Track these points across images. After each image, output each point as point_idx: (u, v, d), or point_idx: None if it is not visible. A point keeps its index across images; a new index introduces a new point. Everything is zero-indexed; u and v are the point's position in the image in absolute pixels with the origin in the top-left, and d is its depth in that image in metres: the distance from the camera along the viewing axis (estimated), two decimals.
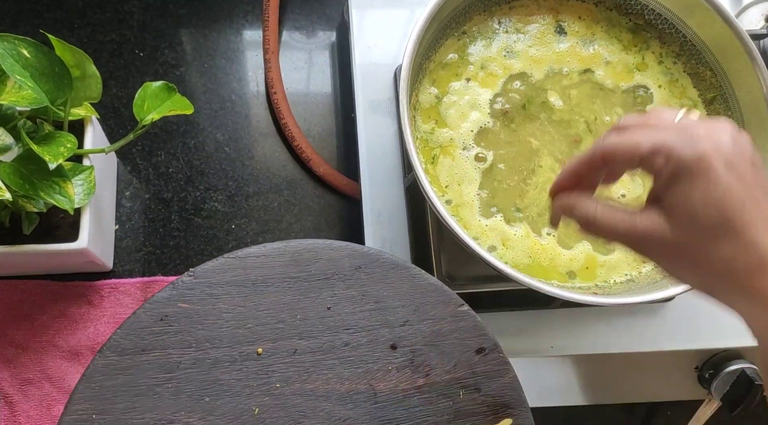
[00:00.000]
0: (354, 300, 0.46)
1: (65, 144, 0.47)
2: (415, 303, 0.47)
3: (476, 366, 0.46)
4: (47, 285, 0.60)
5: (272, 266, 0.47)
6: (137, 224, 0.64)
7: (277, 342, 0.45)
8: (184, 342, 0.45)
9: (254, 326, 0.46)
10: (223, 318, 0.46)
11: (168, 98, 0.52)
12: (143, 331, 0.45)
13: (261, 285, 0.47)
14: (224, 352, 0.45)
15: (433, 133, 0.51)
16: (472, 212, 0.50)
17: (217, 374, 0.44)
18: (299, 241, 0.48)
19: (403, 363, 0.46)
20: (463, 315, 0.47)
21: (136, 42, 0.70)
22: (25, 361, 0.58)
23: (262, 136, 0.69)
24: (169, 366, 0.44)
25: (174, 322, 0.45)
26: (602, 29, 0.55)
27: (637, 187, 0.51)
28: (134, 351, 0.44)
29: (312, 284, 0.47)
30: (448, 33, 0.52)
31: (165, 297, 0.46)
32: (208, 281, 0.46)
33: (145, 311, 0.45)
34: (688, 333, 0.57)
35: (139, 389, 0.44)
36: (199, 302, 0.46)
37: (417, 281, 0.47)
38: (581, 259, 0.50)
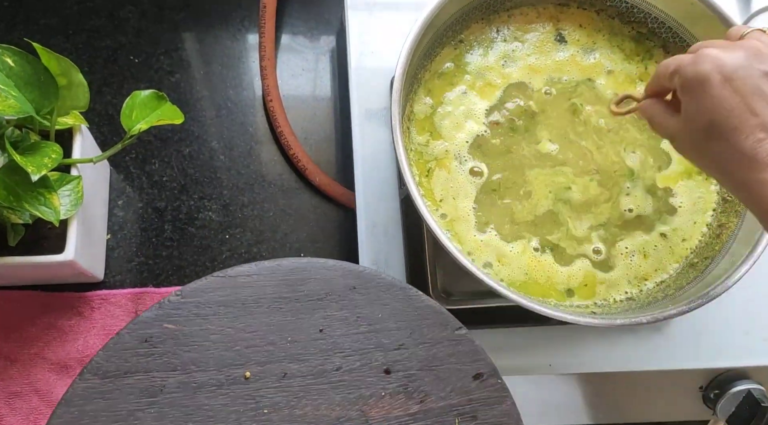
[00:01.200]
0: (347, 321, 0.45)
1: (50, 154, 0.46)
2: (411, 325, 0.45)
3: (473, 393, 0.44)
4: (36, 295, 0.59)
5: (263, 286, 0.45)
6: (129, 234, 0.63)
7: (266, 365, 0.44)
8: (169, 365, 0.43)
9: (243, 348, 0.44)
10: (210, 339, 0.44)
11: (157, 107, 0.51)
12: (126, 353, 0.43)
13: (251, 306, 0.45)
14: (210, 376, 0.43)
15: (427, 145, 0.50)
16: (468, 227, 0.48)
17: (203, 399, 0.43)
18: (292, 260, 0.46)
19: (397, 389, 0.44)
20: (460, 339, 0.45)
21: (132, 48, 0.69)
22: (13, 374, 0.57)
23: (258, 144, 0.68)
24: (152, 390, 0.43)
25: (159, 344, 0.43)
26: (604, 38, 0.53)
27: (647, 205, 0.49)
28: (116, 374, 0.43)
29: (304, 305, 0.45)
30: (445, 41, 0.51)
31: (151, 317, 0.44)
32: (197, 301, 0.45)
33: (129, 332, 0.44)
34: (693, 351, 0.55)
35: (119, 414, 0.42)
36: (185, 323, 0.44)
37: (414, 302, 0.46)
38: (579, 276, 0.48)
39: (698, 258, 0.48)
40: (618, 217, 0.49)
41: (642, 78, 0.53)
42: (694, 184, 0.50)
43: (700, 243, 0.49)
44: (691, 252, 0.49)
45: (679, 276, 0.48)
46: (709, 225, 0.49)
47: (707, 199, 0.50)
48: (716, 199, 0.50)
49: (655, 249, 0.49)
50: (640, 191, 0.50)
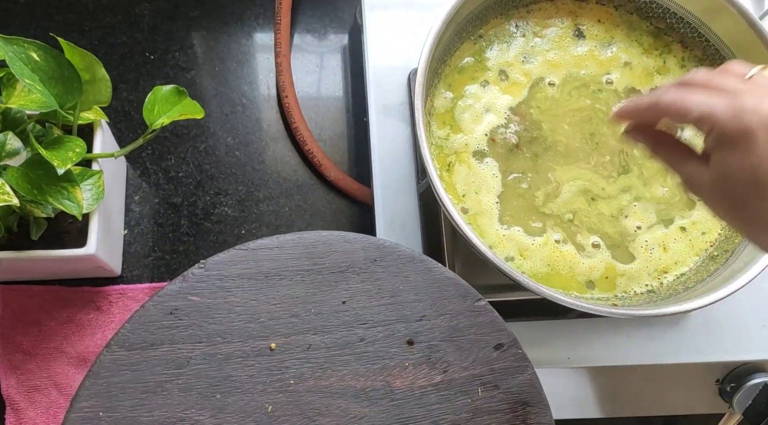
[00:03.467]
0: (369, 294, 0.45)
1: (74, 148, 0.46)
2: (432, 297, 0.45)
3: (495, 363, 0.44)
4: (55, 290, 0.59)
5: (285, 259, 0.45)
6: (146, 229, 0.63)
7: (290, 337, 0.44)
8: (195, 337, 0.43)
9: (267, 320, 0.44)
10: (234, 311, 0.44)
11: (178, 102, 0.51)
12: (152, 325, 0.43)
13: (274, 278, 0.45)
14: (236, 347, 0.43)
15: (447, 139, 0.50)
16: (491, 221, 0.48)
17: (229, 370, 0.43)
18: (313, 233, 0.46)
19: (420, 359, 0.44)
20: (481, 310, 0.45)
21: (147, 45, 0.69)
22: (33, 368, 0.57)
23: (273, 140, 0.68)
24: (178, 361, 0.43)
25: (184, 316, 0.44)
26: (622, 33, 0.53)
27: (650, 216, 0.50)
28: (143, 346, 0.43)
29: (326, 277, 0.45)
30: (464, 37, 0.51)
31: (175, 289, 0.44)
32: (220, 274, 0.45)
33: (154, 304, 0.44)
34: (710, 344, 0.55)
35: (147, 385, 0.42)
36: (210, 295, 0.44)
37: (434, 274, 0.46)
38: (601, 268, 0.49)
39: (718, 251, 0.48)
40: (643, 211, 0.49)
41: (660, 71, 0.53)
42: None
43: (720, 236, 0.49)
44: (710, 245, 0.49)
45: (700, 268, 0.48)
46: None
47: None
48: None
49: (675, 242, 0.49)
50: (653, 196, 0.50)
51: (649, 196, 0.50)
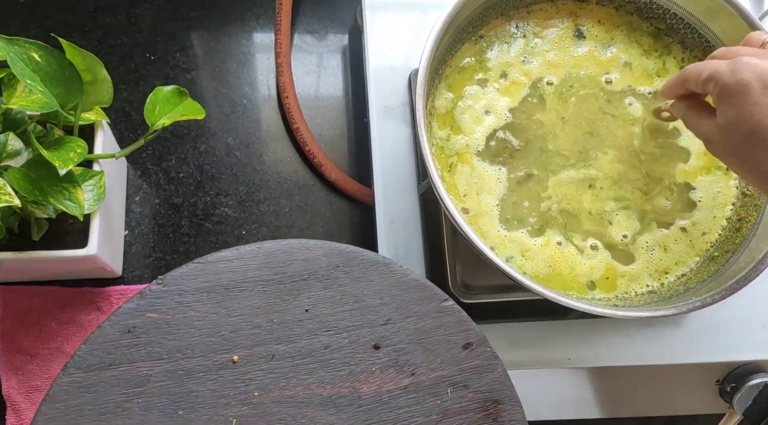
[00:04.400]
0: (333, 300, 0.45)
1: (75, 149, 0.46)
2: (397, 300, 0.45)
3: (464, 362, 0.44)
4: (56, 291, 0.59)
5: (245, 269, 0.45)
6: (147, 230, 0.63)
7: (253, 348, 0.44)
8: (154, 354, 0.43)
9: (228, 333, 0.44)
10: (194, 326, 0.44)
11: (179, 103, 0.51)
12: (110, 345, 0.43)
13: (234, 290, 0.45)
14: (197, 362, 0.43)
15: (448, 140, 0.50)
16: (492, 222, 0.48)
17: (191, 385, 0.42)
18: (274, 242, 0.46)
19: (387, 364, 0.44)
20: (447, 311, 0.45)
21: (147, 45, 0.69)
22: (33, 368, 0.57)
23: (274, 141, 0.68)
24: (138, 380, 0.42)
25: (143, 334, 0.43)
26: (622, 33, 0.53)
27: (634, 224, 0.50)
28: (100, 367, 0.42)
29: (288, 286, 0.45)
30: (465, 37, 0.51)
31: (132, 307, 0.44)
32: (178, 288, 0.44)
33: (111, 324, 0.43)
34: (710, 345, 0.55)
35: (106, 406, 0.41)
36: (168, 311, 0.44)
37: (398, 277, 0.45)
38: (601, 269, 0.49)
39: (718, 251, 0.49)
40: (640, 214, 0.50)
41: (659, 73, 0.53)
42: (713, 178, 0.51)
43: (720, 236, 0.49)
44: (711, 246, 0.49)
45: (700, 269, 0.48)
46: (729, 219, 0.50)
47: (726, 194, 0.50)
48: (735, 193, 0.50)
49: (676, 243, 0.49)
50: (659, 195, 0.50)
51: (647, 206, 0.50)
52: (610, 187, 0.50)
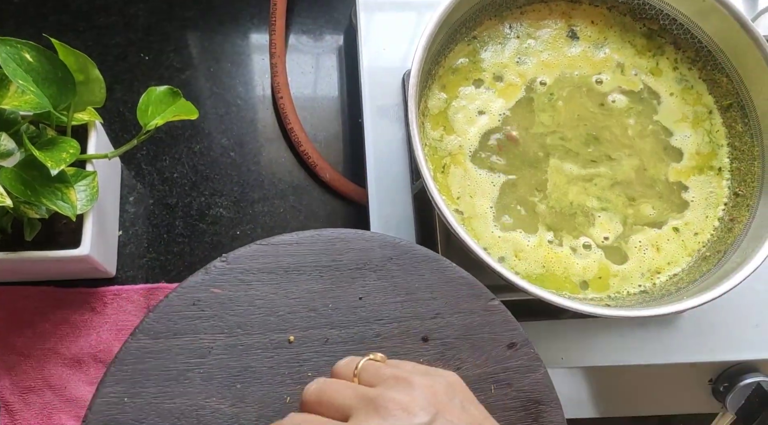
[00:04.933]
0: (385, 291, 0.45)
1: (68, 149, 0.46)
2: (446, 295, 0.45)
3: (508, 361, 0.44)
4: (50, 291, 0.59)
5: (304, 254, 0.46)
6: (141, 230, 0.63)
7: (308, 330, 0.44)
8: (216, 328, 0.44)
9: (286, 314, 0.45)
10: (255, 304, 0.45)
11: (172, 103, 0.51)
12: (176, 315, 0.44)
13: (293, 273, 0.45)
14: (256, 339, 0.44)
15: (441, 140, 0.50)
16: (485, 224, 0.48)
17: (249, 360, 0.43)
18: (332, 230, 0.47)
19: (434, 356, 0.44)
20: (494, 310, 0.45)
21: (142, 45, 0.69)
22: (27, 369, 0.57)
23: (268, 141, 0.68)
24: (201, 351, 0.43)
25: (206, 307, 0.44)
26: (615, 34, 0.54)
27: (616, 226, 0.50)
28: (167, 335, 0.43)
29: (344, 273, 0.46)
30: (458, 38, 0.51)
31: (197, 281, 0.45)
32: (241, 267, 0.45)
33: (177, 295, 0.44)
34: (703, 344, 0.55)
35: (170, 373, 0.43)
36: (231, 288, 0.45)
37: (448, 274, 0.46)
38: (594, 268, 0.49)
39: (710, 251, 0.49)
40: (633, 214, 0.50)
41: (653, 73, 0.53)
42: (705, 178, 0.51)
43: (713, 237, 0.49)
44: (703, 246, 0.49)
45: (692, 269, 0.48)
46: (721, 220, 0.50)
47: (719, 194, 0.51)
48: (728, 194, 0.51)
49: (668, 243, 0.49)
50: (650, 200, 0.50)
51: (629, 211, 0.50)
52: (599, 185, 0.50)
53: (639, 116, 0.52)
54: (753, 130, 0.50)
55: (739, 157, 0.51)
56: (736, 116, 0.51)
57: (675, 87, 0.53)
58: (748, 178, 0.49)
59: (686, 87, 0.53)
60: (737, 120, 0.51)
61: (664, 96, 0.53)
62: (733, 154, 0.51)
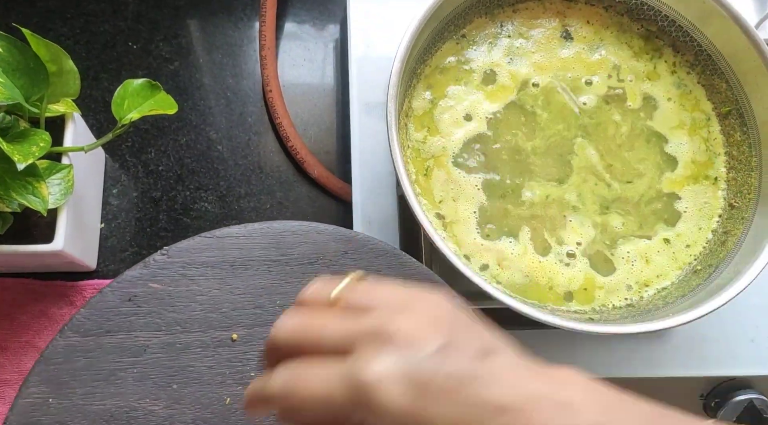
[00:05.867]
0: None
1: (38, 142, 0.45)
2: None
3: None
4: (28, 283, 0.58)
5: (252, 248, 0.44)
6: (124, 223, 0.62)
7: (253, 328, 0.43)
8: (153, 325, 0.42)
9: (229, 310, 0.43)
10: (196, 300, 0.43)
11: (151, 96, 0.50)
12: (109, 312, 0.42)
13: (239, 268, 0.44)
14: (196, 337, 0.42)
15: (425, 142, 0.48)
16: (468, 230, 0.47)
17: (187, 360, 0.42)
18: (283, 223, 0.45)
19: None
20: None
21: (130, 34, 0.67)
22: (3, 362, 0.56)
23: (257, 135, 0.67)
24: (135, 349, 0.42)
25: (143, 303, 0.42)
26: (612, 35, 0.51)
27: (588, 230, 0.48)
28: (98, 333, 0.42)
29: (294, 268, 0.44)
30: (446, 36, 0.49)
31: (135, 276, 0.43)
32: (183, 261, 0.44)
33: (112, 290, 0.43)
34: (694, 359, 0.54)
35: (100, 373, 0.41)
36: (171, 283, 0.43)
37: (408, 269, 0.44)
38: (580, 279, 0.47)
39: (702, 265, 0.47)
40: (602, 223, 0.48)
41: (650, 77, 0.51)
42: (700, 188, 0.49)
43: (705, 250, 0.47)
44: (694, 259, 0.47)
45: (682, 283, 0.46)
46: (715, 232, 0.48)
47: (713, 205, 0.49)
48: (723, 205, 0.49)
49: (658, 255, 0.47)
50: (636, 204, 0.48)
51: (597, 219, 0.48)
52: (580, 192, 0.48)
53: (633, 122, 0.50)
54: (752, 139, 0.47)
55: (736, 166, 0.49)
56: (735, 124, 0.49)
57: (673, 91, 0.51)
58: (745, 189, 0.47)
59: (684, 91, 0.51)
60: (736, 128, 0.49)
61: (662, 101, 0.51)
62: (730, 164, 0.49)
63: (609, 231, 0.47)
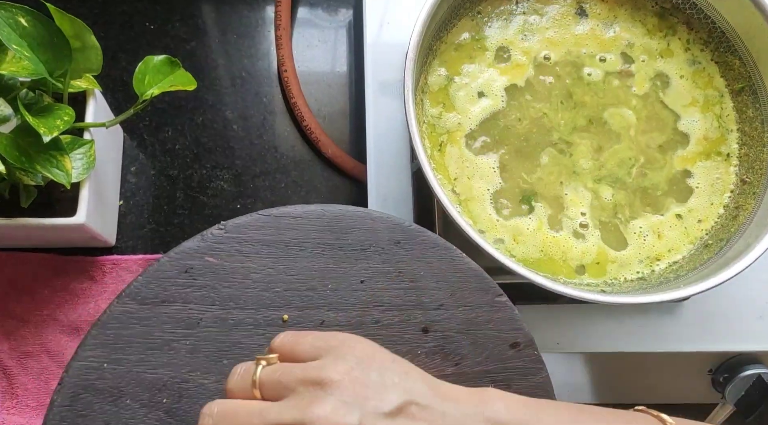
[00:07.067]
0: (389, 276, 0.43)
1: (62, 117, 0.46)
2: (453, 287, 0.43)
3: (509, 361, 0.43)
4: (50, 258, 0.59)
5: (307, 229, 0.44)
6: (142, 200, 0.63)
7: (304, 310, 0.42)
8: (208, 299, 0.42)
9: (282, 291, 0.43)
10: (250, 278, 0.43)
11: (170, 73, 0.50)
12: (166, 281, 0.42)
13: (294, 249, 0.43)
14: (248, 314, 0.42)
15: (440, 118, 0.49)
16: (483, 206, 0.47)
17: (239, 336, 0.42)
18: (338, 207, 0.44)
19: (433, 349, 0.43)
20: (500, 306, 0.43)
21: (148, 14, 0.68)
22: (25, 334, 0.58)
23: (272, 115, 0.67)
24: (189, 321, 0.41)
25: (199, 276, 0.42)
26: (626, 12, 0.52)
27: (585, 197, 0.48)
28: (154, 302, 0.41)
29: (347, 253, 0.43)
30: (462, 13, 0.50)
31: (192, 248, 0.43)
32: (240, 237, 0.43)
33: (170, 260, 0.42)
34: (703, 334, 0.54)
35: (155, 342, 0.41)
36: (227, 258, 0.43)
37: (457, 264, 0.44)
38: (593, 253, 0.48)
39: (713, 239, 0.47)
40: (635, 196, 0.48)
41: (663, 54, 0.51)
42: (712, 164, 0.49)
43: (716, 224, 0.48)
44: (706, 234, 0.48)
45: (693, 257, 0.47)
46: (726, 207, 0.48)
47: (725, 180, 0.49)
48: (734, 180, 0.49)
49: (670, 230, 0.48)
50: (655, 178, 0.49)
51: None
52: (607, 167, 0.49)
53: (645, 99, 0.50)
54: (764, 115, 0.48)
55: (749, 142, 0.49)
56: (748, 101, 0.49)
57: (686, 69, 0.51)
58: (756, 165, 0.48)
59: (698, 69, 0.51)
60: (748, 104, 0.49)
61: (674, 78, 0.51)
62: (742, 140, 0.50)
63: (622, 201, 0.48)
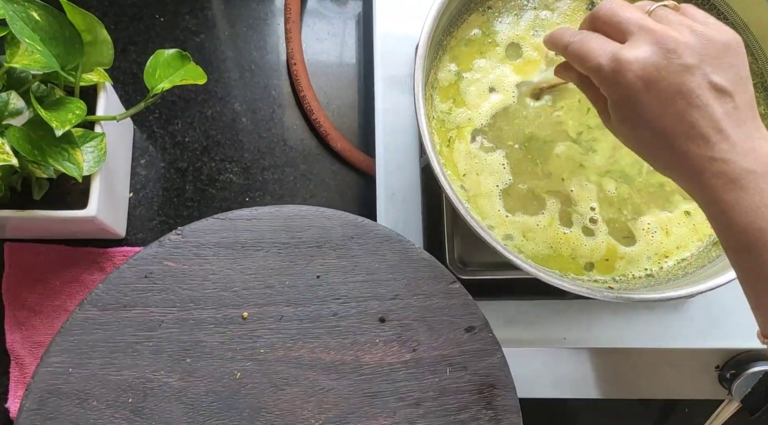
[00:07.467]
0: (345, 270, 0.46)
1: (74, 110, 0.46)
2: (407, 277, 0.46)
3: (464, 345, 0.45)
4: (61, 250, 0.60)
5: (263, 230, 0.46)
6: (151, 193, 0.64)
7: (263, 307, 0.45)
8: (168, 301, 0.44)
9: (241, 289, 0.45)
10: (209, 279, 0.45)
11: (181, 67, 0.51)
12: (126, 287, 0.44)
13: (250, 249, 0.46)
14: (209, 314, 0.44)
15: (450, 113, 0.49)
16: (491, 203, 0.48)
17: (200, 335, 0.44)
18: (292, 207, 0.47)
19: (390, 337, 0.45)
20: (454, 293, 0.46)
21: (157, 7, 0.68)
22: (37, 324, 0.58)
23: (281, 108, 0.67)
24: (150, 324, 0.44)
25: (158, 280, 0.44)
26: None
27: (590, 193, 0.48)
28: (115, 307, 0.44)
29: (302, 251, 0.46)
30: (472, 8, 0.50)
31: (151, 254, 0.45)
32: (197, 241, 0.46)
33: (129, 267, 0.44)
34: (710, 330, 0.54)
35: (117, 345, 0.43)
36: (185, 261, 0.45)
37: (410, 255, 0.46)
38: (602, 249, 0.48)
39: None
40: (642, 193, 0.48)
41: None
42: None
43: None
44: None
45: (701, 254, 0.47)
46: None
47: None
48: None
49: (679, 227, 0.48)
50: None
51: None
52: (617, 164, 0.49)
53: None
54: None
55: None
56: (760, 98, 0.49)
57: None
58: None
59: None
60: (760, 102, 0.49)
61: None
62: None
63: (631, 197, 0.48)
